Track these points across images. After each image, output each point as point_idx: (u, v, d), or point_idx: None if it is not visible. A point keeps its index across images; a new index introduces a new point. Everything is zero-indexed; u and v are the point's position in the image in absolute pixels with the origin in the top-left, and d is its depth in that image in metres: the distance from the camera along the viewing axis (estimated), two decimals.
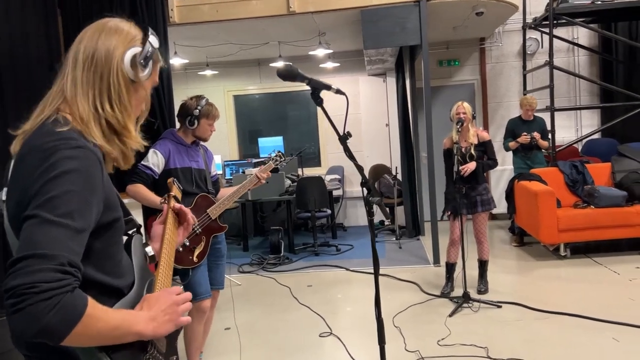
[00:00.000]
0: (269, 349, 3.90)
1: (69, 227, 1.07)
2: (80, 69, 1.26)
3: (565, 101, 7.81)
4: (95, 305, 1.08)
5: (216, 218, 3.25)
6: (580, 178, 6.10)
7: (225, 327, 4.37)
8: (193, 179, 3.23)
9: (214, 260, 3.34)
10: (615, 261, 5.41)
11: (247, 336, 4.13)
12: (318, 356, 3.73)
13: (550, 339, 3.72)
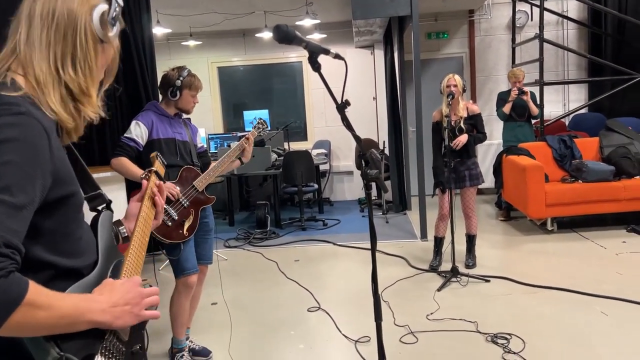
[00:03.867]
0: (257, 324, 3.85)
1: (6, 203, 0.95)
2: (38, 28, 1.12)
3: (553, 75, 7.76)
4: (38, 291, 0.96)
5: (203, 190, 3.16)
6: (569, 153, 6.09)
7: (212, 302, 4.31)
8: (177, 150, 3.12)
9: (202, 234, 3.25)
10: (602, 235, 5.43)
11: (235, 311, 4.07)
12: (306, 331, 3.69)
13: (538, 313, 3.72)
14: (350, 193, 8.31)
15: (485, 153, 7.64)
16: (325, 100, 8.05)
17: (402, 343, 3.39)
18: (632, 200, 5.49)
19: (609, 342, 3.21)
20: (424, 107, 5.71)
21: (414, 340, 3.42)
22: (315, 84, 8.11)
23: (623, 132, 6.15)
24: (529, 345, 3.23)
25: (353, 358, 3.25)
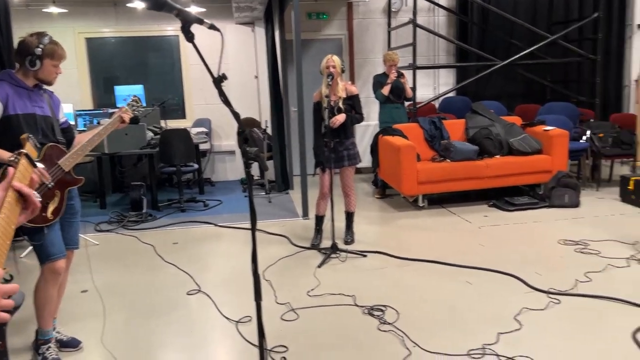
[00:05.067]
0: (133, 311, 3.67)
1: None
2: None
3: (425, 59, 8.17)
4: None
5: (70, 170, 2.90)
6: (438, 133, 6.47)
7: (82, 289, 4.03)
8: (39, 127, 2.83)
9: (68, 217, 3.00)
10: (467, 211, 5.86)
11: (108, 298, 3.85)
12: (186, 315, 3.58)
13: (411, 284, 3.93)
14: (233, 173, 8.18)
15: (363, 134, 7.89)
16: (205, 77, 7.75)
17: (284, 320, 3.41)
18: (493, 178, 5.98)
19: (473, 308, 3.48)
20: (305, 87, 5.74)
21: (295, 317, 3.46)
22: (193, 59, 7.81)
23: (486, 114, 6.65)
24: (402, 315, 3.41)
25: (234, 339, 3.22)
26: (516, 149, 6.15)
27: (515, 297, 3.62)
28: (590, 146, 6.61)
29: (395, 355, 2.93)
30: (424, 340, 3.08)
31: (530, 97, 8.31)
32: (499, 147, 6.20)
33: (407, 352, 2.95)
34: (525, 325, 3.21)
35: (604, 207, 5.78)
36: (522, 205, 5.83)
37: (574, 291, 3.67)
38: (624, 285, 3.74)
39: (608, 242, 4.62)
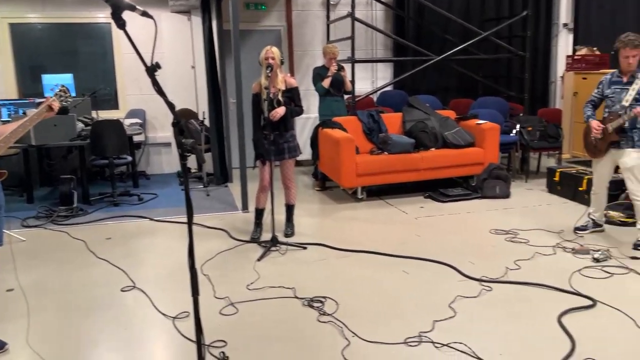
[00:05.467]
0: (64, 309, 3.51)
1: None
2: None
3: (363, 53, 8.26)
4: None
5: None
6: (376, 126, 6.56)
7: (8, 288, 3.82)
8: None
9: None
10: (404, 202, 5.99)
11: (36, 297, 3.66)
12: (120, 312, 3.47)
13: (350, 275, 3.98)
14: (169, 166, 7.98)
15: (302, 126, 7.89)
16: (139, 67, 7.52)
17: (222, 315, 3.37)
18: (429, 170, 6.13)
19: (410, 297, 3.57)
20: (244, 78, 5.66)
21: (234, 311, 3.42)
22: (127, 48, 7.54)
23: (422, 108, 6.81)
24: (341, 306, 3.45)
25: (171, 335, 3.14)
26: (450, 142, 6.34)
27: (450, 286, 3.73)
28: (520, 139, 6.91)
29: (335, 346, 2.96)
30: (362, 330, 3.12)
31: (463, 92, 8.58)
32: (434, 140, 6.36)
33: (346, 342, 2.99)
34: (459, 312, 3.32)
35: (532, 198, 6.06)
36: (455, 196, 6.02)
37: (504, 279, 3.83)
38: (550, 272, 3.94)
39: (536, 231, 4.85)
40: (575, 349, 2.86)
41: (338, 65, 6.39)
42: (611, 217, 5.02)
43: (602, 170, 4.58)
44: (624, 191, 5.15)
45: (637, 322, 3.15)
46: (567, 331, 3.04)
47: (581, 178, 5.74)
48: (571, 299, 3.47)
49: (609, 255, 4.17)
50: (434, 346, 2.93)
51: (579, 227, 4.81)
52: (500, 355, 2.82)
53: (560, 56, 8.90)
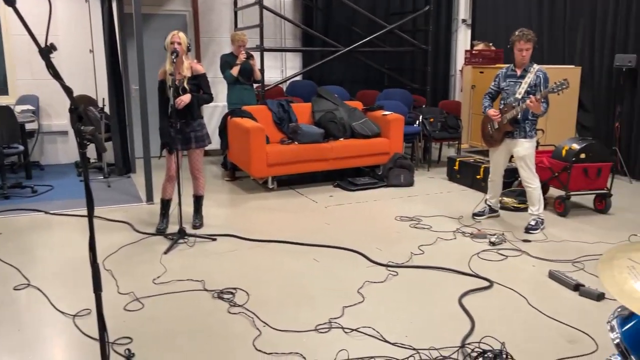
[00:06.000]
0: None
1: None
2: None
3: (272, 42, 8.21)
4: None
5: None
6: (286, 116, 6.55)
7: None
8: None
9: None
10: (314, 191, 6.05)
11: None
12: (13, 312, 3.22)
13: (261, 265, 3.96)
14: (66, 156, 7.50)
15: (211, 114, 7.71)
16: (32, 49, 6.99)
17: (127, 311, 3.23)
18: (338, 160, 6.23)
19: (320, 284, 3.61)
20: (148, 64, 5.42)
21: (139, 306, 3.29)
22: (17, 28, 6.97)
23: (330, 99, 6.89)
24: (252, 296, 3.42)
25: (71, 334, 2.97)
26: (358, 132, 6.47)
27: (359, 272, 3.82)
28: (422, 130, 7.19)
29: (246, 337, 2.94)
30: (274, 319, 3.12)
31: (370, 83, 8.79)
32: (343, 130, 6.46)
33: (258, 333, 2.97)
34: (367, 297, 3.42)
35: (434, 186, 6.34)
36: (363, 185, 6.17)
37: (409, 263, 3.98)
38: (451, 255, 4.15)
39: (438, 217, 5.09)
40: (474, 327, 3.03)
41: (247, 53, 6.30)
42: (505, 203, 5.36)
43: (497, 159, 4.88)
44: (517, 179, 5.53)
45: (529, 300, 3.39)
46: (467, 311, 3.22)
47: (479, 167, 6.09)
48: (470, 281, 3.68)
49: (503, 239, 4.46)
50: (343, 331, 2.99)
51: (477, 213, 5.10)
52: (406, 337, 2.93)
53: (460, 51, 9.37)
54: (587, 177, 5.08)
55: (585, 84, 7.11)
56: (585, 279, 3.63)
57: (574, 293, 3.49)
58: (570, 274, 3.68)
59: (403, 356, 2.74)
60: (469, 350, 2.77)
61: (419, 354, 2.76)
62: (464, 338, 2.91)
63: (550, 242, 4.44)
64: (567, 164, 5.07)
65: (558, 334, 2.97)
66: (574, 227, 4.81)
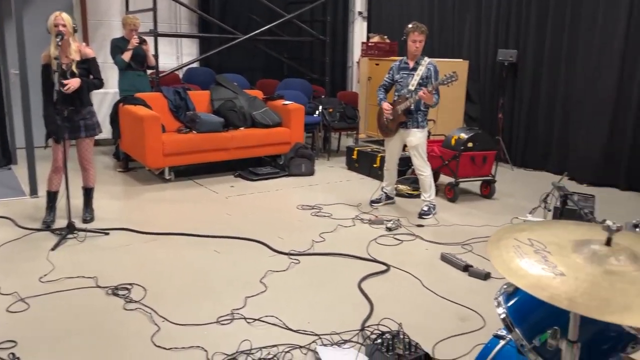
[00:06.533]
0: None
1: None
2: None
3: (167, 27, 7.90)
4: None
5: None
6: (183, 104, 6.35)
7: None
8: None
9: None
10: (214, 182, 5.93)
11: None
12: None
13: (159, 259, 3.82)
14: None
15: (101, 102, 7.29)
16: None
17: (10, 312, 2.99)
18: (239, 149, 6.15)
19: (222, 276, 3.55)
20: (29, 47, 5.00)
21: (24, 307, 3.06)
22: None
23: (230, 87, 6.77)
24: (150, 291, 3.30)
25: None
26: (259, 121, 6.42)
27: (261, 261, 3.81)
28: (322, 120, 7.29)
29: (143, 333, 2.82)
30: (173, 313, 3.03)
31: (270, 73, 8.75)
32: (243, 119, 6.38)
33: (156, 328, 2.87)
34: (270, 286, 3.41)
35: (334, 175, 6.46)
36: (265, 175, 6.14)
37: (311, 251, 4.03)
38: (351, 242, 4.25)
39: (338, 205, 5.19)
40: (373, 310, 3.14)
41: (140, 38, 6.01)
42: (400, 190, 5.58)
43: (392, 148, 5.06)
44: (410, 167, 5.77)
45: (423, 282, 3.56)
46: (366, 295, 3.32)
47: (375, 156, 6.28)
48: (369, 266, 3.79)
49: (399, 224, 4.65)
50: (246, 322, 2.97)
51: (374, 200, 5.27)
52: (308, 323, 2.97)
53: (356, 42, 9.58)
54: (474, 164, 5.42)
55: (472, 77, 7.57)
56: (474, 260, 3.87)
57: (463, 274, 3.72)
58: (460, 256, 3.91)
59: (306, 342, 2.77)
60: (368, 332, 2.86)
61: (321, 339, 2.80)
62: (363, 321, 3.00)
63: (441, 226, 4.69)
64: (456, 152, 5.37)
65: (450, 313, 3.16)
66: (463, 212, 5.12)
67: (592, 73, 6.12)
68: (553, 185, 3.94)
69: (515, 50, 6.86)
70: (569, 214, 3.79)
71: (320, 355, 2.62)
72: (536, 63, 6.75)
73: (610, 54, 5.90)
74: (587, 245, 1.19)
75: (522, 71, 6.91)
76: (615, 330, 1.42)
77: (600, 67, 6.02)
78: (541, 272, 1.13)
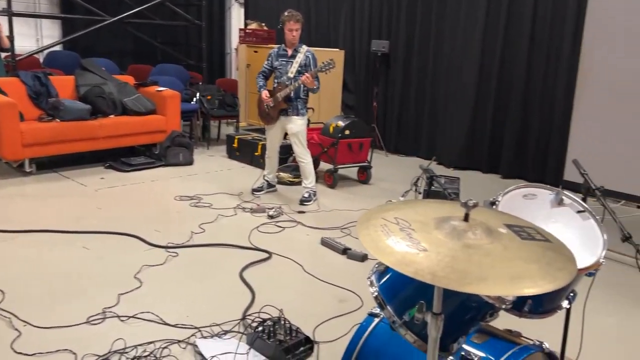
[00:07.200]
0: None
1: None
2: None
3: (23, 6, 7.22)
4: None
5: None
6: (44, 90, 5.83)
7: None
8: None
9: None
10: (82, 174, 5.53)
11: None
12: None
13: (19, 259, 3.49)
14: None
15: None
16: None
17: None
18: (109, 138, 5.78)
19: (92, 274, 3.32)
20: None
21: None
22: None
23: (97, 72, 6.33)
24: (9, 295, 3.00)
25: None
26: (130, 108, 6.09)
27: (136, 256, 3.62)
28: (200, 107, 7.09)
29: (2, 339, 2.56)
30: (37, 317, 2.78)
31: (142, 57, 8.34)
32: (113, 106, 6.01)
33: (17, 334, 2.62)
34: (145, 282, 3.26)
35: (214, 164, 6.32)
36: (139, 165, 5.85)
37: (190, 243, 3.91)
38: (232, 231, 4.19)
39: (218, 195, 5.08)
40: (255, 298, 3.11)
41: None
42: (282, 178, 5.60)
43: (273, 136, 5.05)
44: (291, 155, 5.80)
45: (304, 267, 3.60)
46: (247, 284, 3.29)
47: (256, 144, 6.24)
48: (251, 254, 3.76)
49: (281, 212, 4.66)
50: (119, 320, 2.80)
51: (256, 189, 5.23)
52: (187, 317, 2.88)
53: (234, 29, 9.42)
54: (351, 151, 5.58)
55: (348, 66, 7.77)
56: (352, 243, 3.99)
57: (342, 257, 3.82)
58: (339, 240, 4.01)
59: (184, 336, 2.68)
60: (249, 321, 2.84)
61: (201, 331, 2.73)
62: (245, 310, 2.96)
63: (322, 212, 4.78)
64: (334, 140, 5.49)
65: (330, 296, 3.22)
66: (342, 197, 5.25)
67: (456, 65, 6.55)
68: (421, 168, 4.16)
69: (388, 40, 7.14)
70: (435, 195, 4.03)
71: (199, 348, 2.55)
72: (407, 54, 7.08)
73: (472, 47, 6.35)
74: (448, 221, 1.26)
75: (394, 61, 7.21)
76: (476, 301, 1.52)
77: (463, 60, 6.46)
78: (406, 249, 1.17)
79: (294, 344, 2.51)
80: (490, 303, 1.52)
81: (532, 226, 1.37)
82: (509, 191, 2.00)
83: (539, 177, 5.81)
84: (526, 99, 5.98)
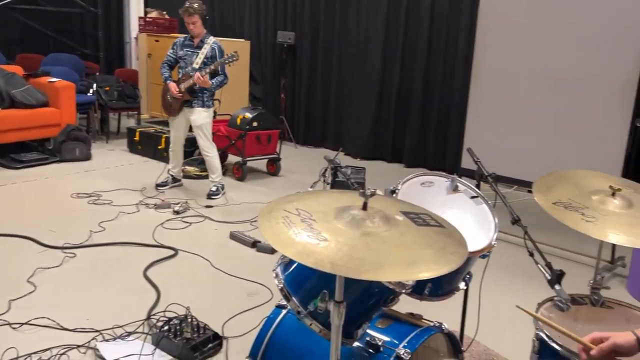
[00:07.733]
0: None
1: None
2: None
3: None
4: None
5: None
6: None
7: None
8: None
9: None
10: None
11: None
12: None
13: None
14: None
15: None
16: None
17: None
18: None
19: None
20: None
21: None
22: None
23: None
24: None
25: None
26: (19, 101, 5.65)
27: (28, 259, 3.39)
28: (98, 99, 6.73)
29: None
30: None
31: (32, 47, 7.75)
32: (0, 99, 5.56)
33: None
34: (40, 285, 3.05)
35: (114, 158, 6.03)
36: (30, 161, 5.46)
37: (89, 242, 3.71)
38: (134, 229, 4.02)
39: (119, 191, 4.86)
40: (160, 297, 3.02)
41: None
42: (188, 172, 5.45)
43: (177, 128, 4.90)
44: (197, 148, 5.66)
45: (212, 262, 3.54)
46: (152, 282, 3.18)
47: (160, 137, 6.02)
48: (156, 252, 3.63)
49: (187, 207, 4.54)
50: (11, 328, 2.61)
51: (160, 184, 5.06)
52: (87, 320, 2.73)
53: (133, 17, 9.00)
54: (259, 143, 5.54)
55: (254, 57, 7.69)
56: (262, 236, 3.97)
57: (252, 250, 3.79)
58: (248, 233, 3.98)
59: (84, 341, 2.54)
60: (154, 320, 2.74)
61: (102, 334, 2.60)
62: (149, 310, 2.86)
63: (230, 205, 4.72)
64: (242, 132, 5.42)
65: (239, 290, 3.19)
66: (251, 190, 5.21)
67: (360, 57, 6.69)
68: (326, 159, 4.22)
69: (293, 32, 7.14)
70: (339, 185, 4.10)
71: (101, 352, 2.44)
72: (312, 45, 7.12)
73: (375, 40, 6.50)
74: (348, 211, 1.28)
75: (300, 53, 7.23)
76: (377, 287, 1.56)
77: (367, 53, 6.61)
78: (307, 240, 1.18)
79: (202, 341, 2.46)
80: (391, 288, 1.56)
81: (426, 212, 1.42)
82: (407, 179, 2.07)
83: (439, 165, 6.09)
84: (426, 92, 6.23)
